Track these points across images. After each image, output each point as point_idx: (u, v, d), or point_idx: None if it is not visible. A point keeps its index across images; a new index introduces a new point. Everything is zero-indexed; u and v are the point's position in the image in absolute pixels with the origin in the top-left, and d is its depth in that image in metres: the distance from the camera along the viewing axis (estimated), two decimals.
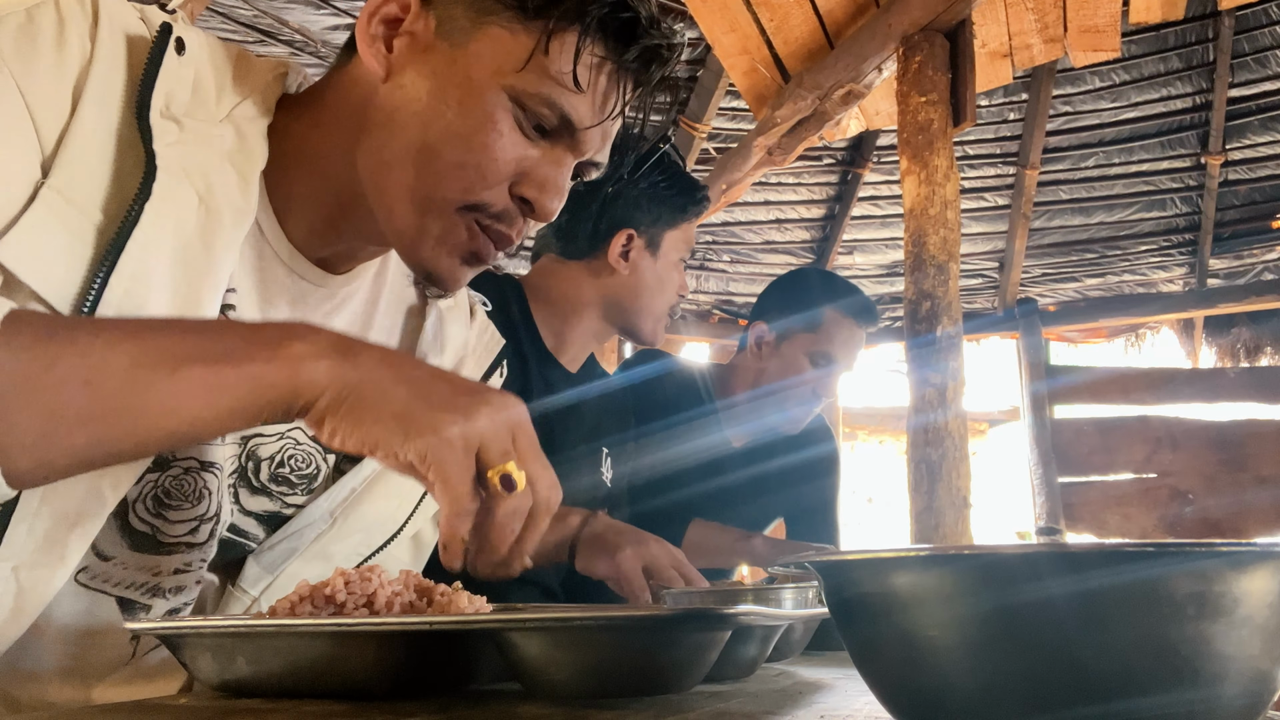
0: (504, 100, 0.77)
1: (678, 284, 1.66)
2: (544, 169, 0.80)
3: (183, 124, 0.73)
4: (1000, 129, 5.05)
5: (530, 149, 0.79)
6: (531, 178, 0.80)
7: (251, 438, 0.82)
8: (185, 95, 0.74)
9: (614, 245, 1.61)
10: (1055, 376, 5.10)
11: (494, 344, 1.06)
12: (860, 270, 5.70)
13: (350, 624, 0.55)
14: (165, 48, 0.73)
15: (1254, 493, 4.65)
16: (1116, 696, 0.38)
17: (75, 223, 0.66)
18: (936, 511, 2.65)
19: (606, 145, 0.84)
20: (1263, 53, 4.61)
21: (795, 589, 0.96)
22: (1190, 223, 5.29)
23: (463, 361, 0.98)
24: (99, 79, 0.69)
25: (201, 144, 0.74)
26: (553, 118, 0.78)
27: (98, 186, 0.68)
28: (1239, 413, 4.90)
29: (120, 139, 0.70)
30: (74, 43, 0.69)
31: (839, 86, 3.33)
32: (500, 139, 0.77)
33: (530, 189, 0.80)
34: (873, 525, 9.82)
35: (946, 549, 0.45)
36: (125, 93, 0.71)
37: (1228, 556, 0.38)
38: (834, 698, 0.62)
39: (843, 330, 2.03)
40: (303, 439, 0.85)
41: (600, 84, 0.79)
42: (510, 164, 0.78)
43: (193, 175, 0.72)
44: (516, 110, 0.78)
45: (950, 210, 2.80)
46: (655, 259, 1.63)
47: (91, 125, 0.68)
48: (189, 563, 0.79)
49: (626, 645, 0.53)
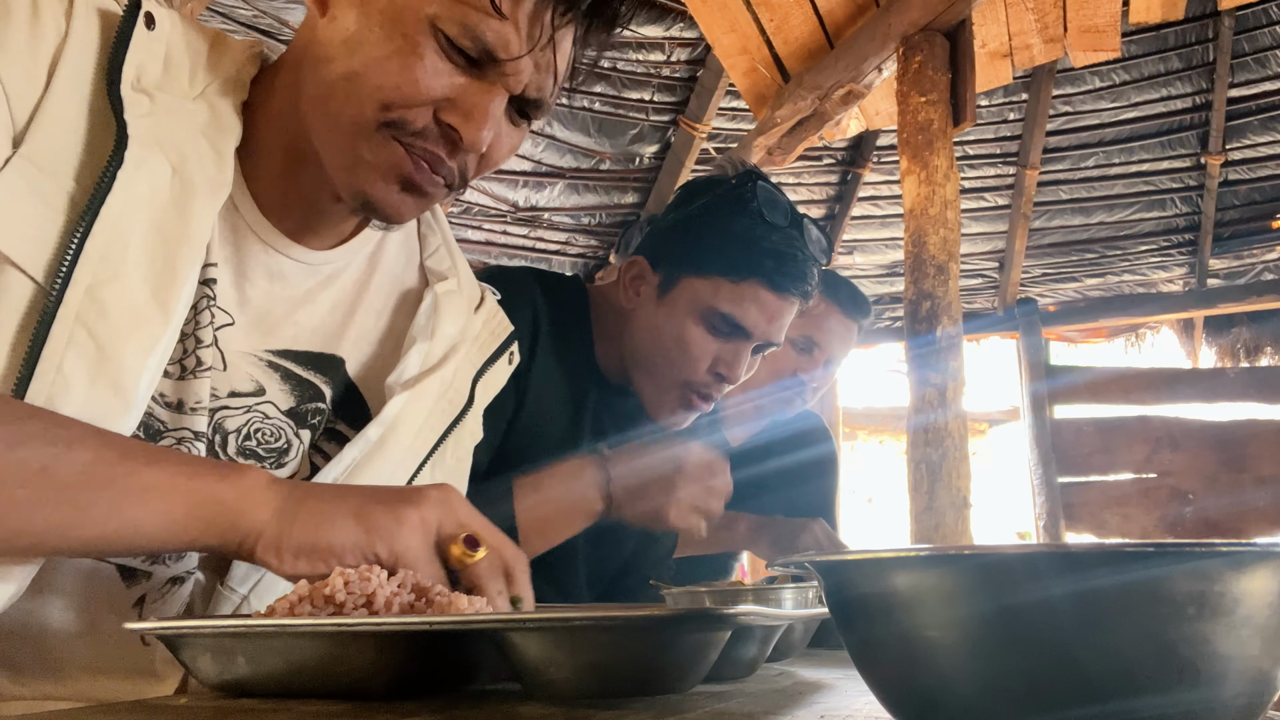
0: (426, 27, 0.76)
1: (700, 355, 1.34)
2: (469, 96, 0.77)
3: (154, 97, 0.75)
4: (1000, 129, 5.05)
5: (455, 77, 0.77)
6: (456, 104, 0.77)
7: (219, 410, 0.82)
8: (157, 69, 0.76)
9: (624, 272, 1.41)
10: (1055, 376, 5.11)
11: (500, 330, 1.04)
12: (860, 270, 5.70)
13: (350, 624, 0.55)
14: (135, 22, 0.74)
15: (1254, 493, 4.65)
16: (1116, 696, 0.38)
17: (48, 190, 0.68)
18: (936, 511, 2.65)
19: (546, 78, 0.80)
20: (1263, 53, 4.62)
21: (795, 589, 0.96)
22: (1190, 223, 5.29)
23: (456, 348, 0.96)
24: (73, 54, 0.71)
25: (174, 117, 0.76)
26: (474, 47, 0.76)
27: (70, 156, 0.70)
28: (1239, 413, 4.90)
29: (92, 111, 0.71)
30: (48, 20, 0.71)
31: (839, 86, 3.33)
32: (419, 62, 0.76)
33: (453, 115, 0.77)
34: (873, 525, 9.82)
35: (946, 549, 0.45)
36: (97, 66, 0.72)
37: (1228, 556, 0.38)
38: (834, 698, 0.62)
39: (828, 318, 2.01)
40: (272, 412, 0.85)
41: (525, 10, 0.76)
42: (431, 89, 0.77)
43: (166, 147, 0.74)
44: (440, 37, 0.76)
45: (950, 210, 2.80)
46: (659, 304, 1.36)
47: (65, 98, 0.70)
48: None
49: (626, 645, 0.53)
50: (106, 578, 0.76)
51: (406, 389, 0.89)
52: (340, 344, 0.90)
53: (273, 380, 0.85)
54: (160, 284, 0.73)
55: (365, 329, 0.92)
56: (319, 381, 0.88)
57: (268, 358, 0.84)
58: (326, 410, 0.89)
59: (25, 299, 0.67)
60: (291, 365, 0.86)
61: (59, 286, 0.67)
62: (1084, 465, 4.92)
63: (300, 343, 0.87)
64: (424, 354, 0.92)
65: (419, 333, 0.93)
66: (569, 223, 5.21)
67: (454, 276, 0.98)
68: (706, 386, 1.36)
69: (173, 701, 0.58)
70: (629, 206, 5.18)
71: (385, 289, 0.95)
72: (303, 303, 0.87)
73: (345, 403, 0.90)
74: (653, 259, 1.39)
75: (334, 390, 0.89)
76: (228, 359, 0.82)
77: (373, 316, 0.93)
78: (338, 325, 0.90)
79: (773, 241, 1.33)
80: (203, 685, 0.61)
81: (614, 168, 4.98)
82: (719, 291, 1.32)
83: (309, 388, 0.87)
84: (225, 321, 0.81)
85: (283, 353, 0.85)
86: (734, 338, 1.34)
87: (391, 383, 0.90)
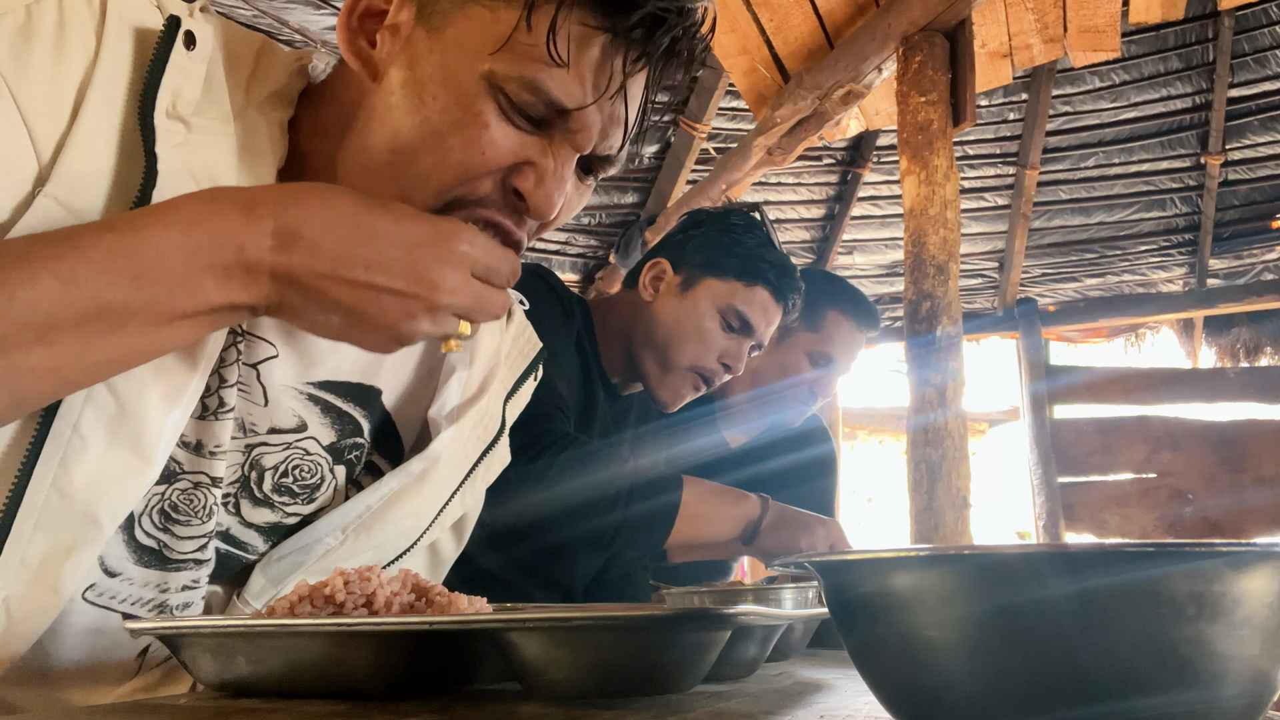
0: (484, 87, 0.70)
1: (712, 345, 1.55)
2: (537, 159, 0.72)
3: (190, 124, 0.69)
4: (1000, 129, 5.05)
5: (520, 140, 0.71)
6: (523, 170, 0.72)
7: (256, 446, 0.78)
8: (195, 92, 0.70)
9: (646, 271, 1.61)
10: (1055, 376, 5.11)
11: (530, 348, 1.01)
12: (860, 270, 5.70)
13: (350, 624, 0.55)
14: (173, 43, 0.68)
15: (1254, 493, 4.65)
16: (1116, 696, 0.38)
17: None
18: (936, 511, 2.65)
19: (616, 132, 0.74)
20: (1263, 53, 4.62)
21: (795, 589, 0.96)
22: (1190, 223, 5.29)
23: (494, 370, 0.92)
24: (104, 79, 0.66)
25: (211, 143, 0.70)
26: (538, 102, 0.70)
27: (98, 192, 0.65)
28: (1239, 413, 4.90)
29: (123, 141, 0.66)
30: (75, 45, 0.65)
31: (839, 86, 3.33)
32: (484, 131, 0.70)
33: (522, 180, 0.72)
34: (873, 525, 9.82)
35: (946, 549, 0.45)
36: (130, 92, 0.67)
37: (1228, 556, 0.38)
38: (834, 698, 0.62)
39: (844, 332, 2.03)
40: (313, 449, 0.81)
41: (591, 58, 0.70)
42: (496, 157, 0.71)
43: (199, 177, 0.69)
44: (500, 97, 0.70)
45: (950, 210, 2.80)
46: (682, 297, 1.57)
47: (95, 128, 0.65)
48: (197, 579, 0.77)
49: (626, 645, 0.53)
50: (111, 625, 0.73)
51: (451, 422, 0.86)
52: (379, 374, 0.86)
53: (313, 414, 0.81)
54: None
55: (403, 357, 0.87)
56: (358, 415, 0.84)
57: (309, 390, 0.80)
58: (365, 445, 0.86)
59: None
60: (332, 397, 0.82)
61: None
62: (1084, 465, 4.92)
63: (341, 373, 0.82)
64: (463, 382, 0.88)
65: (457, 359, 0.88)
66: (569, 223, 5.21)
67: None
68: (712, 373, 1.56)
69: (173, 701, 0.58)
70: (629, 206, 5.18)
71: None
72: None
73: (381, 435, 0.87)
74: (674, 262, 1.62)
75: (371, 423, 0.86)
76: (270, 394, 0.78)
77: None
78: (376, 355, 0.84)
79: (775, 258, 1.61)
80: (203, 685, 0.61)
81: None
82: (735, 292, 1.57)
83: (349, 421, 0.84)
84: (268, 354, 0.77)
85: (324, 384, 0.81)
86: (741, 334, 1.58)
87: (434, 415, 0.86)
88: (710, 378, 1.57)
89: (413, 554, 0.90)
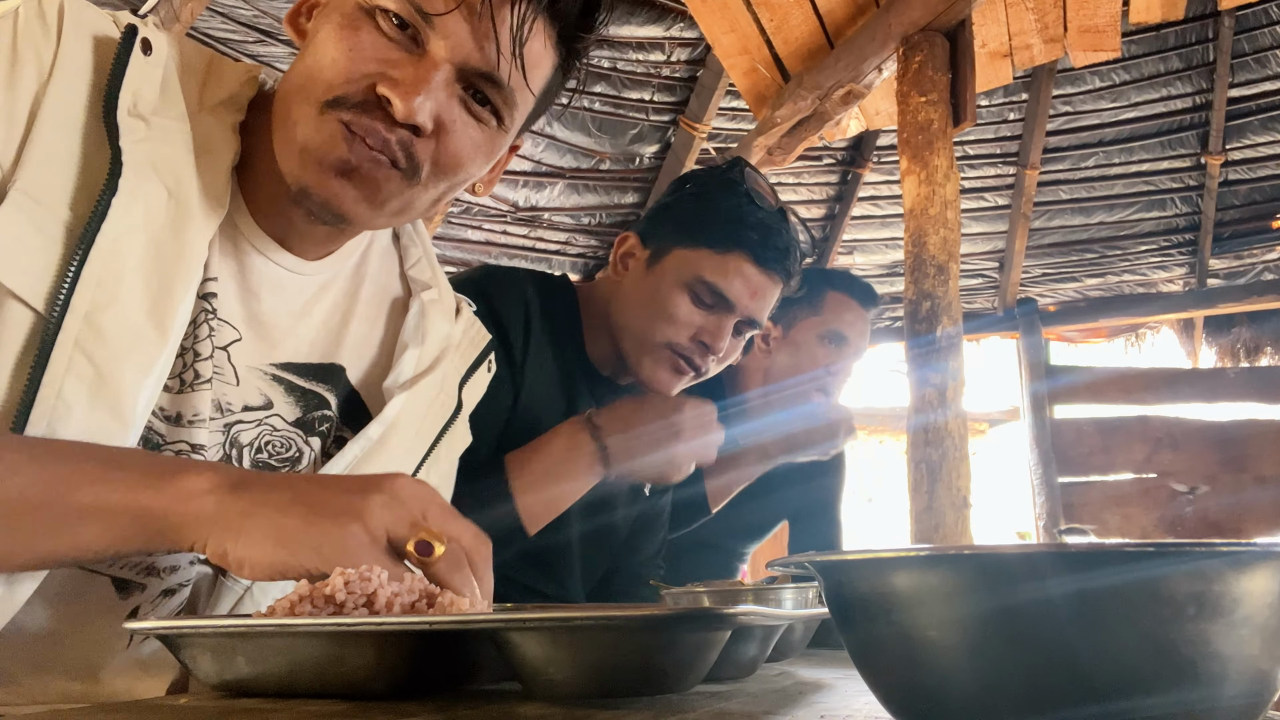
0: (360, 7, 0.77)
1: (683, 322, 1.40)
2: (403, 66, 0.77)
3: (150, 121, 0.75)
4: (1000, 129, 5.05)
5: (390, 51, 0.77)
6: (389, 76, 0.76)
7: (234, 424, 0.83)
8: (153, 94, 0.76)
9: (616, 247, 1.50)
10: (1055, 376, 5.11)
11: (479, 339, 1.06)
12: (860, 270, 5.70)
13: (350, 624, 0.55)
14: (131, 49, 0.74)
15: (1254, 493, 4.65)
16: (1116, 696, 0.38)
17: (44, 221, 0.69)
18: (936, 511, 2.65)
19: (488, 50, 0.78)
20: (1263, 53, 4.62)
21: (795, 589, 0.96)
22: (1190, 223, 5.29)
23: (445, 353, 0.97)
24: (63, 84, 0.71)
25: (170, 140, 0.76)
26: (401, 7, 0.76)
27: (65, 186, 0.70)
28: (1239, 413, 4.90)
29: (87, 138, 0.72)
30: (29, 57, 0.71)
31: (839, 86, 3.33)
32: (354, 37, 0.76)
33: (386, 84, 0.76)
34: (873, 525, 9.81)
35: (946, 549, 0.45)
36: (91, 93, 0.73)
37: (1228, 556, 0.38)
38: (834, 698, 0.62)
39: (848, 309, 2.03)
40: (279, 424, 0.86)
41: None
42: (366, 62, 0.76)
43: (161, 170, 0.75)
44: (380, 19, 0.77)
45: (950, 210, 2.80)
46: (648, 272, 1.43)
47: (56, 128, 0.70)
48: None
49: (626, 645, 0.53)
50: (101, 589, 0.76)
51: (404, 390, 0.91)
52: (339, 353, 0.91)
53: (278, 393, 0.86)
54: (157, 305, 0.73)
55: (360, 336, 0.93)
56: (323, 390, 0.89)
57: (272, 371, 0.85)
58: (334, 417, 0.90)
59: (26, 328, 0.68)
60: (294, 378, 0.87)
61: (58, 314, 0.68)
62: (1084, 465, 4.92)
63: (300, 355, 0.88)
64: (416, 358, 0.94)
65: (410, 338, 0.94)
66: (569, 223, 5.21)
67: (435, 286, 1.00)
68: (690, 353, 1.41)
69: (172, 701, 0.58)
70: (629, 206, 5.18)
71: (375, 298, 0.96)
72: (301, 315, 0.88)
73: (349, 409, 0.91)
74: (643, 235, 1.48)
75: (338, 397, 0.90)
76: (239, 374, 0.83)
77: (366, 325, 0.94)
78: (334, 335, 0.91)
79: (758, 219, 1.41)
80: (203, 685, 0.61)
81: (614, 168, 4.97)
82: (705, 262, 1.39)
83: (313, 398, 0.88)
84: (234, 338, 0.82)
85: (285, 365, 0.87)
86: (718, 309, 1.41)
87: (389, 385, 0.91)
88: (689, 356, 1.42)
89: None
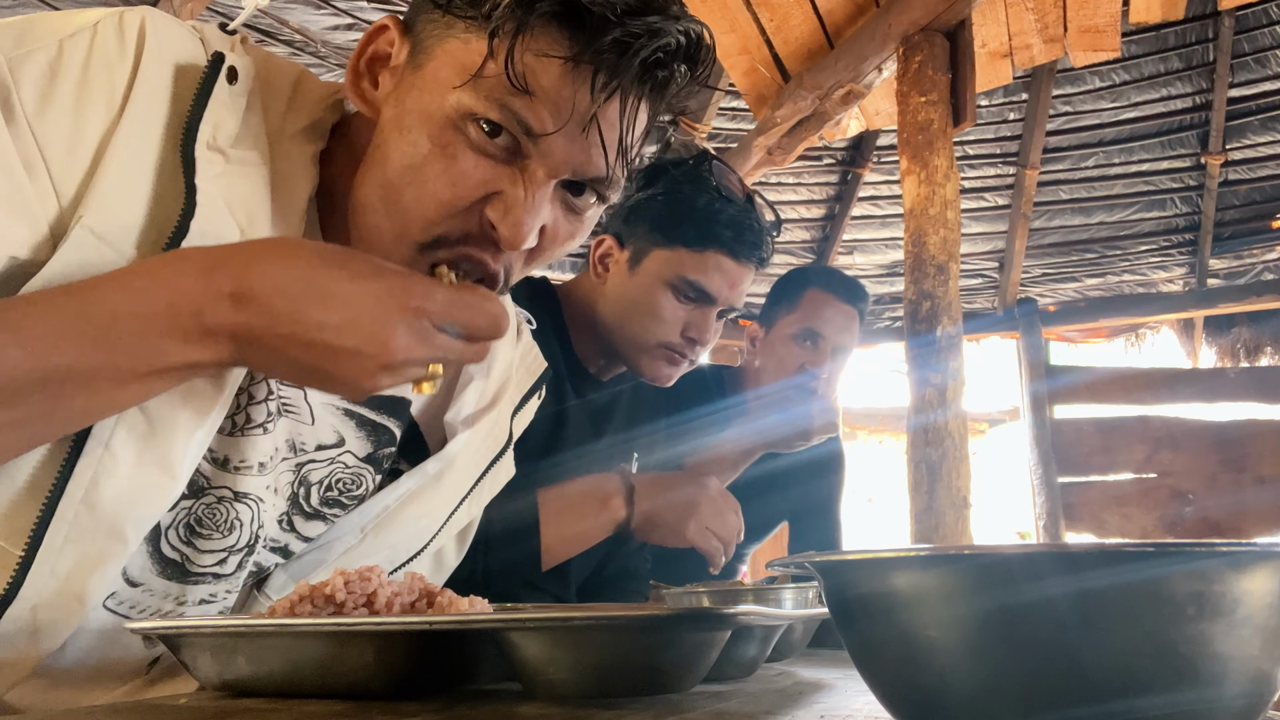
0: (453, 119, 0.70)
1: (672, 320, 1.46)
2: (506, 189, 0.71)
3: (228, 155, 0.71)
4: (1000, 129, 5.05)
5: (491, 171, 0.71)
6: (493, 200, 0.71)
7: (305, 464, 0.82)
8: (234, 125, 0.72)
9: (593, 249, 1.52)
10: (1055, 376, 5.10)
11: (536, 366, 1.03)
12: (860, 270, 5.69)
13: (350, 624, 0.55)
14: (216, 78, 0.70)
15: (1254, 493, 4.65)
16: (1116, 696, 0.38)
17: (109, 261, 0.64)
18: (936, 511, 2.65)
19: (596, 157, 0.73)
20: (1263, 53, 4.61)
21: (795, 589, 0.96)
22: (1190, 223, 5.29)
23: (507, 384, 0.96)
24: (138, 114, 0.67)
25: (247, 174, 0.72)
26: (505, 119, 0.70)
27: (133, 222, 0.66)
28: (1239, 413, 4.90)
29: (161, 172, 0.67)
30: (100, 83, 0.66)
31: (839, 86, 3.33)
32: (453, 164, 0.70)
33: (492, 210, 0.71)
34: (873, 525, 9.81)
35: (946, 549, 0.45)
36: (169, 126, 0.68)
37: (1228, 556, 0.38)
38: (834, 698, 0.62)
39: (825, 306, 2.01)
40: (351, 461, 0.85)
41: (557, 85, 0.69)
42: (467, 189, 0.71)
43: (235, 208, 0.70)
44: (469, 128, 0.70)
45: (950, 210, 2.80)
46: (631, 275, 1.48)
47: (128, 161, 0.66)
48: (214, 593, 0.79)
49: (626, 645, 0.53)
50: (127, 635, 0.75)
51: (467, 427, 0.89)
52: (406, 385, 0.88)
53: (349, 428, 0.84)
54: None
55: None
56: (390, 424, 0.88)
57: (344, 405, 0.84)
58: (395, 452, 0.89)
59: None
60: (366, 411, 0.85)
61: None
62: (1084, 465, 4.92)
63: None
64: (480, 391, 0.92)
65: (476, 370, 0.92)
66: None
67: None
68: (681, 348, 1.48)
69: (172, 701, 0.58)
70: None
71: None
72: None
73: (407, 440, 0.90)
74: (619, 237, 1.52)
75: (402, 430, 0.89)
76: (315, 412, 0.81)
77: None
78: None
79: (730, 215, 1.47)
80: (203, 685, 0.61)
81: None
82: (685, 261, 1.46)
83: (383, 432, 0.87)
84: None
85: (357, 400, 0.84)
86: (700, 303, 1.48)
87: (450, 420, 0.89)
88: (681, 351, 1.49)
89: (420, 560, 0.92)
